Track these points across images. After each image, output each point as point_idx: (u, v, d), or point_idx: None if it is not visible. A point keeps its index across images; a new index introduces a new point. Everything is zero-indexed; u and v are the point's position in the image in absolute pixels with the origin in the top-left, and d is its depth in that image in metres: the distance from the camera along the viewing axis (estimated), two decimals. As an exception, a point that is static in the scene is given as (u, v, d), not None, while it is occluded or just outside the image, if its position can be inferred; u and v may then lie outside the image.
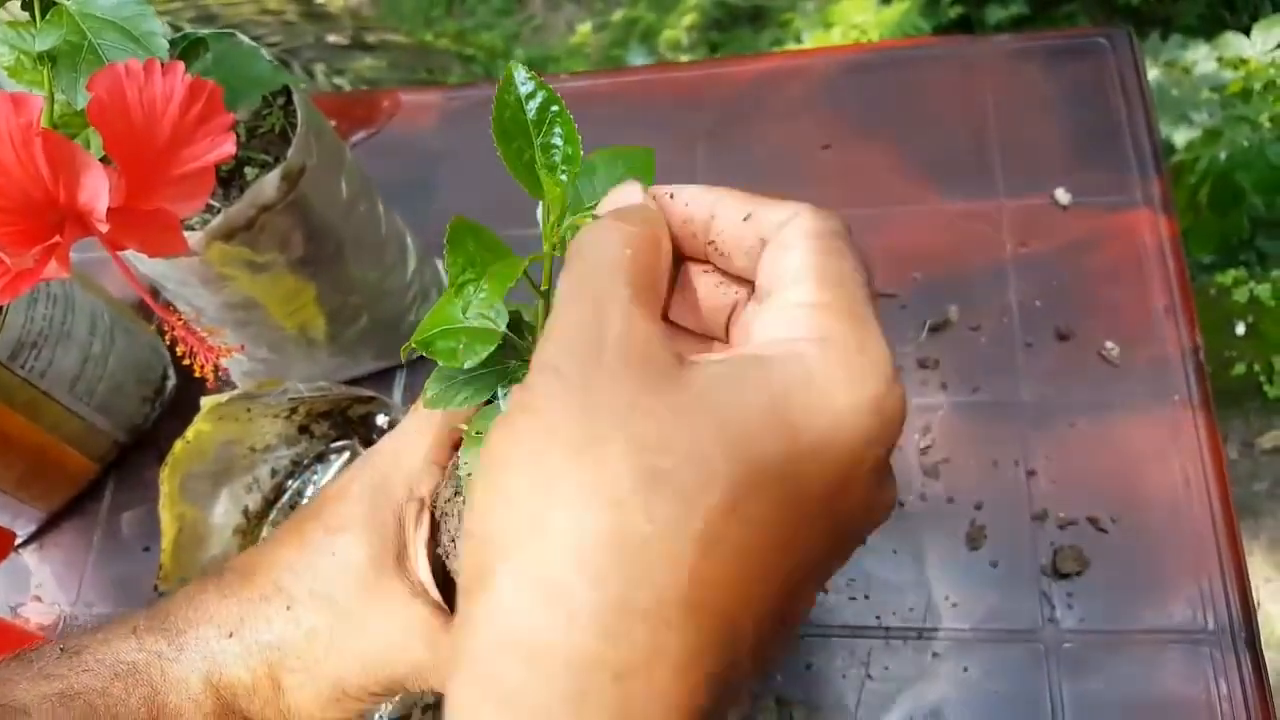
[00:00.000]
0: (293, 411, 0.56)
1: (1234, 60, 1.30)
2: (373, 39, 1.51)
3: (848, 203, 0.68)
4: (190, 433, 0.53)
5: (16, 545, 0.64)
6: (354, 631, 0.38)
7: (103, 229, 0.31)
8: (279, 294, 0.53)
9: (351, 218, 0.55)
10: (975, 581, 0.55)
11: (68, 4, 0.36)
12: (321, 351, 0.60)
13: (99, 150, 0.33)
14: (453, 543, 0.38)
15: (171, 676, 0.37)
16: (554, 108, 0.30)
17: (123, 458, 0.66)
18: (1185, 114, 1.34)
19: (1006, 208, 0.67)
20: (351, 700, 0.38)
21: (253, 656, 0.38)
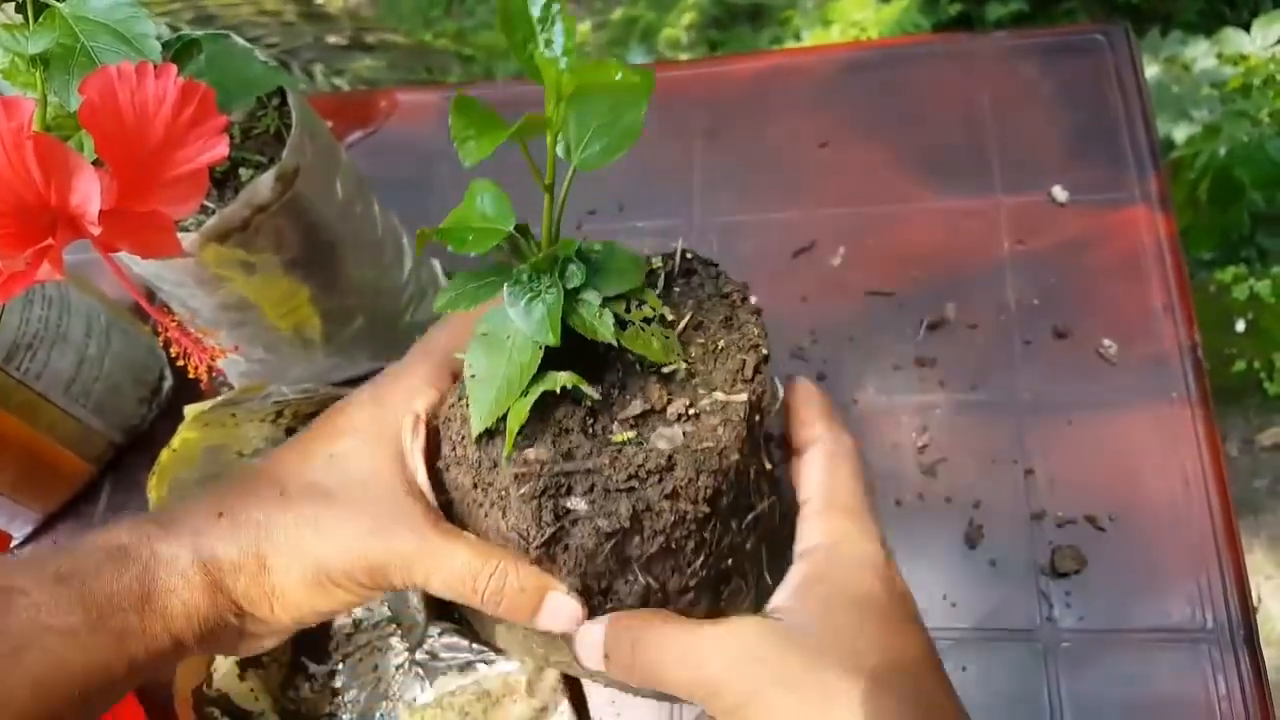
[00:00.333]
0: (279, 415, 0.56)
1: (1234, 56, 1.29)
2: (372, 39, 1.50)
3: (845, 200, 0.68)
4: (176, 441, 0.53)
5: (12, 547, 0.64)
6: (343, 517, 0.39)
7: (94, 231, 0.31)
8: (274, 295, 0.53)
9: (347, 218, 0.55)
10: (973, 581, 0.55)
11: (61, 7, 0.36)
12: (317, 352, 0.60)
13: (91, 152, 0.33)
14: (453, 451, 0.39)
15: (162, 554, 0.38)
16: (555, 6, 0.34)
17: (119, 459, 0.66)
18: (1185, 110, 1.34)
19: (1004, 205, 0.66)
20: (336, 587, 0.39)
21: (240, 534, 0.39)
